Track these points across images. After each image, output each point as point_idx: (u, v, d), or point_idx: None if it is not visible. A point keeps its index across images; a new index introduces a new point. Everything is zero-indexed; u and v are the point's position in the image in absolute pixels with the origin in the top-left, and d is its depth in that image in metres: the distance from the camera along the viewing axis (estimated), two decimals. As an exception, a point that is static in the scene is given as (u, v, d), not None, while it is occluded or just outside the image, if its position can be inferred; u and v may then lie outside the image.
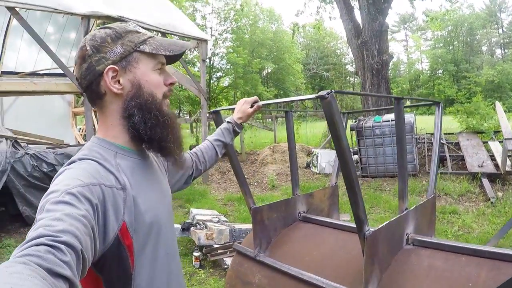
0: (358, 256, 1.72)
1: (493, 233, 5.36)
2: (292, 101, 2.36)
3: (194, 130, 20.41)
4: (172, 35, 8.51)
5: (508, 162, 7.70)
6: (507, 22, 63.44)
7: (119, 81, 1.08)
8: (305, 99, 1.57)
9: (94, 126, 7.59)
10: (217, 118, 1.91)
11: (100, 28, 1.12)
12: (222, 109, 2.00)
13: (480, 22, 59.00)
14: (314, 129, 16.54)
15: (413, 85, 58.18)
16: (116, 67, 1.07)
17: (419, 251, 1.65)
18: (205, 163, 1.68)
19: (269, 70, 45.08)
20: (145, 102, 1.09)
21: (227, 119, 1.77)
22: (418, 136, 10.36)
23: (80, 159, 1.03)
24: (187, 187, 1.65)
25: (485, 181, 7.60)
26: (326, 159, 10.42)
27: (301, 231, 2.23)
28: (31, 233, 0.73)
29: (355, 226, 2.11)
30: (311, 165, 11.13)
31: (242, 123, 1.77)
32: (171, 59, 1.21)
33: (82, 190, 0.89)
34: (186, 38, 8.45)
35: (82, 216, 0.82)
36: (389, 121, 8.96)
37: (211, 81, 35.05)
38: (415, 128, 9.52)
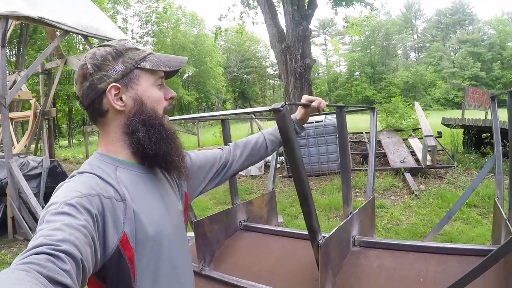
0: (307, 262, 1.71)
1: (421, 224, 5.67)
2: (246, 113, 2.30)
3: None
4: (93, 38, 8.19)
5: (428, 157, 8.20)
6: (421, 28, 69.15)
7: (121, 98, 1.10)
8: (258, 111, 1.53)
9: (10, 135, 7.05)
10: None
11: (100, 46, 1.13)
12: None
13: (396, 28, 63.95)
14: (237, 131, 16.50)
15: (331, 87, 60.80)
16: (118, 85, 1.09)
17: (367, 252, 1.67)
18: (249, 157, 1.60)
19: (190, 74, 45.02)
20: (148, 117, 1.11)
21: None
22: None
23: (80, 173, 1.05)
24: (223, 181, 1.57)
25: (408, 176, 8.02)
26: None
27: (244, 241, 2.19)
28: (32, 242, 0.74)
29: (298, 232, 2.14)
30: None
31: (303, 124, 1.66)
32: (169, 74, 1.22)
33: (81, 201, 0.90)
34: (106, 41, 8.14)
35: (81, 226, 0.83)
36: (313, 122, 9.19)
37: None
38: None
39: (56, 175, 7.52)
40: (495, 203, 1.77)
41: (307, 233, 2.05)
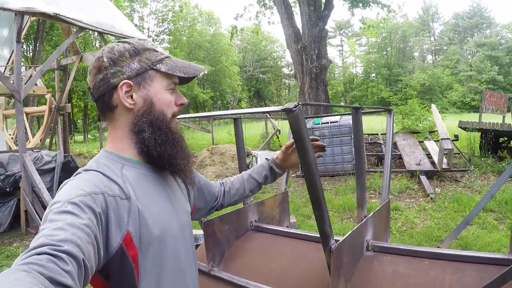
0: (318, 266, 1.66)
1: (436, 227, 5.58)
2: (256, 113, 2.27)
3: None
4: (109, 35, 8.24)
5: (444, 160, 8.08)
6: (438, 31, 68.81)
7: (132, 96, 1.11)
8: (270, 111, 1.50)
9: (25, 130, 7.11)
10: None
11: (119, 42, 1.15)
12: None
13: (413, 30, 63.62)
14: (251, 130, 16.51)
15: (347, 88, 60.68)
16: (131, 82, 1.10)
17: (381, 258, 1.62)
18: (229, 198, 1.65)
19: (206, 72, 45.28)
20: (156, 119, 1.11)
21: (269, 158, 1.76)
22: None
23: (86, 170, 1.05)
24: (205, 215, 1.65)
25: (423, 178, 7.93)
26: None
27: (255, 242, 2.15)
28: (34, 242, 0.75)
29: (310, 234, 2.09)
30: (250, 166, 11.13)
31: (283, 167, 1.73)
32: (183, 80, 1.22)
33: (84, 199, 0.90)
34: (123, 38, 8.18)
35: (84, 225, 0.83)
36: (328, 123, 9.17)
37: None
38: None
39: (70, 170, 7.59)
40: (517, 210, 1.71)
41: (311, 234, 2.04)
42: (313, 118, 9.43)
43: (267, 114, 12.31)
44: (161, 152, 1.11)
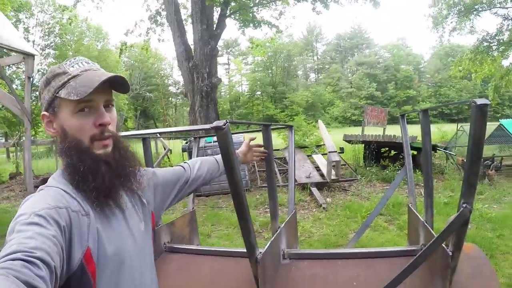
0: (242, 280, 1.71)
1: (332, 234, 5.94)
2: (186, 131, 2.28)
3: (13, 155, 18.32)
4: None
5: (333, 172, 8.65)
6: (321, 51, 73.86)
7: (53, 126, 1.12)
8: (200, 129, 1.54)
9: None
10: None
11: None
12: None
13: (297, 49, 67.36)
14: (139, 149, 16.01)
15: (233, 106, 61.96)
16: (46, 113, 1.11)
17: (298, 264, 1.73)
18: (203, 176, 1.64)
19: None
20: (69, 147, 1.09)
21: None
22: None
23: (47, 187, 1.06)
24: (184, 197, 1.63)
25: (314, 190, 8.37)
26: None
27: (172, 263, 2.15)
28: (5, 250, 0.75)
29: (225, 250, 2.15)
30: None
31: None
32: (115, 88, 1.17)
33: (49, 212, 0.91)
34: (11, 52, 7.55)
35: (52, 236, 0.84)
36: (215, 142, 9.26)
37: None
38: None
39: None
40: (409, 209, 1.94)
41: (235, 250, 2.09)
42: (205, 136, 9.49)
43: (157, 134, 12.13)
44: (83, 178, 1.07)
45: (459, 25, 18.42)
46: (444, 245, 1.23)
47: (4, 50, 10.57)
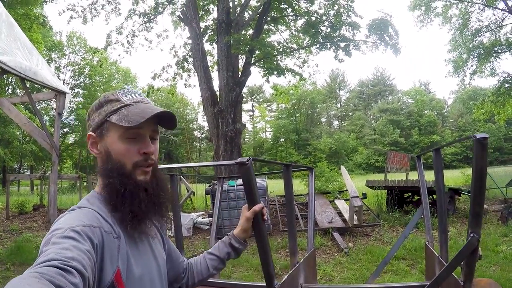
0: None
1: (353, 278, 5.85)
2: (211, 165, 2.37)
3: (37, 187, 18.63)
4: (31, 82, 7.91)
5: (355, 217, 8.59)
6: (344, 98, 74.48)
7: (97, 147, 1.20)
8: (224, 165, 1.64)
9: None
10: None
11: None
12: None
13: (321, 97, 68.23)
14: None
15: (257, 152, 62.25)
16: (93, 134, 1.19)
17: (316, 299, 1.75)
18: (192, 277, 1.55)
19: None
20: (111, 169, 1.15)
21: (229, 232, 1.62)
22: (269, 198, 11.02)
23: (79, 207, 1.11)
24: None
25: (336, 235, 8.32)
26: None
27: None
28: (42, 258, 0.79)
29: (244, 283, 2.18)
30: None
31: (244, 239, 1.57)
32: (162, 123, 1.25)
33: (85, 229, 0.96)
34: (44, 88, 7.89)
35: (86, 250, 0.88)
36: (241, 185, 9.32)
37: (57, 136, 33.04)
38: (267, 191, 10.12)
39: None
40: (426, 246, 1.96)
41: (253, 284, 2.13)
42: (229, 177, 9.59)
43: (181, 176, 12.29)
44: (120, 201, 1.11)
45: (480, 68, 18.49)
46: (455, 276, 1.27)
47: (38, 86, 11.03)
